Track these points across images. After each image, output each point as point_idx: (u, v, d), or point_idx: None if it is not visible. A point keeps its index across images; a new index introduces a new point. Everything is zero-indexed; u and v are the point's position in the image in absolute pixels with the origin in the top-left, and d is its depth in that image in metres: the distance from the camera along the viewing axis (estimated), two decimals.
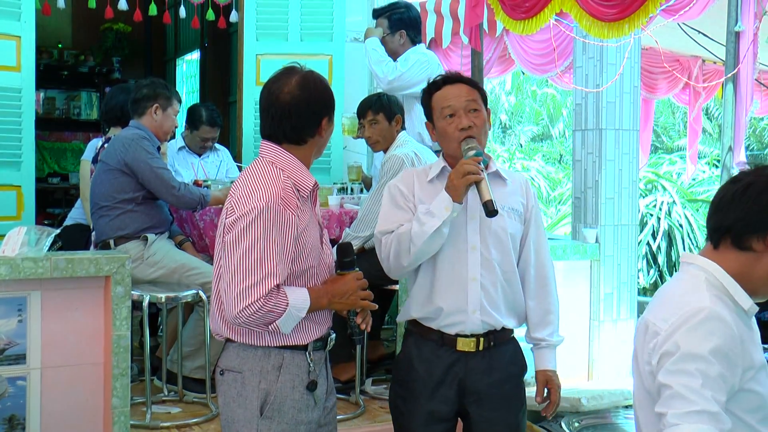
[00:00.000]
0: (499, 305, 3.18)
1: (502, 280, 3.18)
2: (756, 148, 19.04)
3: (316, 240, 2.85)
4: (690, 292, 2.33)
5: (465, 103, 3.14)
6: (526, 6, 5.57)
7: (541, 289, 3.29)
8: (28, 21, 6.52)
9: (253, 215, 2.65)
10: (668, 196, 11.56)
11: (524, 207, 3.26)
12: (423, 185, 3.21)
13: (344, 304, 2.83)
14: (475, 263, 3.14)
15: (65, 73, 11.86)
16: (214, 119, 6.60)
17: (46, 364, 4.09)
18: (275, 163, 2.80)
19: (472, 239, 3.14)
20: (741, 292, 2.33)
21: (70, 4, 8.03)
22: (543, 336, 3.28)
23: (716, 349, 2.18)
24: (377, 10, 6.38)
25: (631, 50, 6.14)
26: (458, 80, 3.22)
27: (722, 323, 2.22)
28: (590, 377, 6.14)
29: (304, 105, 2.79)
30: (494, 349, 3.19)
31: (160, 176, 5.05)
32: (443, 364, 3.17)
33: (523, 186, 3.31)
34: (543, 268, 3.30)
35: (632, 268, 6.35)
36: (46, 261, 3.99)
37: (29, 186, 6.55)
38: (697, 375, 2.14)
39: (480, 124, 3.14)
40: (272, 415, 2.75)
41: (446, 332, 3.16)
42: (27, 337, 4.04)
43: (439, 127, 3.18)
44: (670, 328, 2.26)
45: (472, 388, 3.17)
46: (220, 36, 10.10)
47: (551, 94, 21.94)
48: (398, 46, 6.13)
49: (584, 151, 6.27)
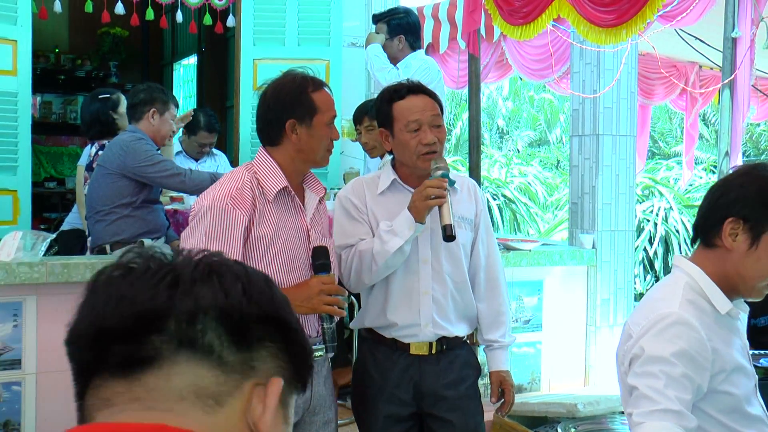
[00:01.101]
0: (450, 316, 3.20)
1: (453, 291, 3.20)
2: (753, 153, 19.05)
3: (294, 248, 2.83)
4: (663, 298, 2.37)
5: (430, 117, 3.11)
6: (524, 11, 5.57)
7: (491, 291, 3.32)
8: (25, 25, 6.51)
9: (201, 213, 2.74)
10: (665, 202, 11.55)
11: (474, 213, 3.27)
12: (374, 197, 3.18)
13: (305, 308, 2.78)
14: (427, 276, 3.15)
15: (62, 78, 11.84)
16: (212, 125, 6.60)
17: (41, 369, 4.08)
18: (251, 165, 2.86)
19: (423, 252, 3.15)
20: (719, 295, 2.35)
21: (67, 8, 8.02)
22: (495, 338, 3.32)
23: (680, 352, 2.23)
24: (377, 15, 6.36)
25: (628, 56, 6.14)
26: (422, 91, 3.19)
27: (688, 328, 2.26)
28: (587, 383, 6.14)
29: (266, 108, 2.89)
30: (447, 352, 3.22)
31: (163, 169, 5.04)
32: (398, 367, 3.19)
33: (471, 191, 3.30)
34: (493, 271, 3.33)
35: (629, 274, 6.35)
36: (41, 266, 3.98)
37: (25, 190, 6.53)
38: (661, 376, 2.21)
39: (443, 139, 3.13)
40: None
41: (400, 340, 3.19)
42: (22, 342, 4.03)
43: (401, 139, 3.13)
44: (639, 332, 2.32)
45: (428, 390, 3.19)
46: (217, 40, 10.09)
47: (548, 100, 21.94)
48: (397, 51, 6.12)
49: (581, 157, 6.27)
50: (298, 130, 2.85)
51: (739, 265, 2.32)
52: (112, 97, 5.76)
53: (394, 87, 3.22)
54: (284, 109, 2.87)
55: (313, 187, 2.98)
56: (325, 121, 2.86)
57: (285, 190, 2.84)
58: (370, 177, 3.33)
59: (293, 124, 2.85)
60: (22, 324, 4.03)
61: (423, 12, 8.51)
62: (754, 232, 2.29)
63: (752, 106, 8.01)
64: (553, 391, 5.97)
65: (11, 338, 4.01)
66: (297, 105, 2.85)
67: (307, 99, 2.85)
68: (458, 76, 8.11)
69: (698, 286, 2.36)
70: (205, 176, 5.23)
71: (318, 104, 2.86)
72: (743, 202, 2.30)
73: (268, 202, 2.79)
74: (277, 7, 7.18)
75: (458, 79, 8.14)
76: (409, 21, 6.22)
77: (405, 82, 3.26)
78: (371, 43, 6.13)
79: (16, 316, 4.02)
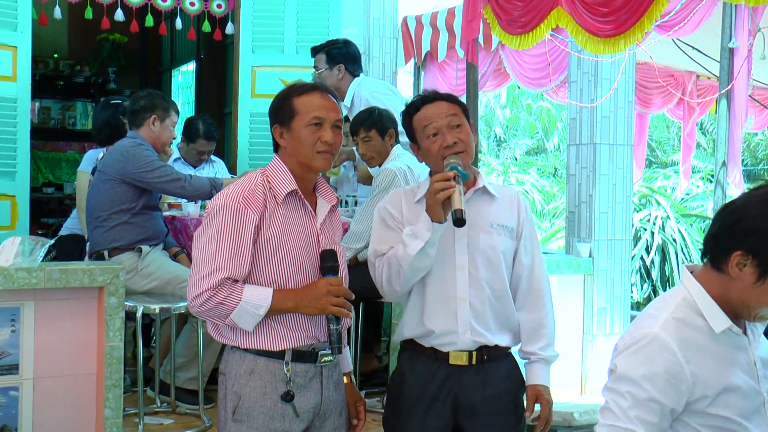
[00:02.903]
0: (489, 324, 3.14)
1: (492, 299, 3.14)
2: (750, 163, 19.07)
3: (303, 251, 2.86)
4: (652, 315, 2.35)
5: (447, 120, 3.11)
6: (523, 21, 5.58)
7: (533, 302, 3.24)
8: (25, 31, 6.53)
9: (214, 212, 2.80)
10: (662, 211, 11.57)
11: (516, 223, 3.23)
12: (411, 205, 3.18)
13: (312, 309, 2.80)
14: (464, 282, 3.11)
15: (61, 83, 11.85)
16: (211, 133, 6.61)
17: (38, 374, 4.07)
18: (265, 169, 2.93)
19: (460, 258, 3.12)
20: (716, 313, 2.31)
21: (67, 14, 8.03)
22: (534, 350, 3.22)
23: (651, 374, 2.24)
24: (315, 47, 6.25)
25: (626, 65, 6.17)
26: (436, 98, 3.19)
27: (664, 349, 2.25)
28: (583, 391, 6.15)
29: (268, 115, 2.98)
30: (488, 363, 3.16)
31: (163, 174, 5.06)
32: (437, 379, 3.14)
33: (515, 200, 3.27)
34: (537, 282, 3.26)
35: (626, 283, 6.36)
36: (40, 271, 3.97)
37: (24, 196, 6.54)
38: (627, 397, 2.24)
39: (465, 139, 3.11)
40: (242, 418, 2.81)
41: (439, 349, 3.14)
42: (20, 348, 4.02)
43: (424, 147, 3.16)
44: (620, 347, 2.34)
45: (466, 403, 3.13)
46: (215, 47, 10.11)
47: (546, 108, 21.93)
48: (337, 81, 6.02)
49: (578, 166, 6.28)
50: (284, 135, 2.91)
51: (743, 294, 2.27)
52: (123, 103, 5.78)
53: (412, 101, 3.24)
54: (272, 116, 2.97)
55: (325, 195, 3.01)
56: (304, 122, 2.86)
57: (295, 193, 2.88)
58: (409, 187, 3.34)
59: (279, 130, 2.93)
60: (20, 329, 4.02)
61: (421, 20, 8.53)
62: (762, 268, 2.22)
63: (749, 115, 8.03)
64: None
65: (9, 343, 4.00)
66: (279, 111, 2.93)
67: (288, 104, 2.90)
68: (456, 84, 8.13)
69: (695, 303, 2.32)
70: (205, 181, 5.24)
71: (297, 107, 2.88)
72: (756, 237, 2.21)
73: (278, 205, 2.84)
74: (276, 14, 7.20)
75: (456, 87, 8.16)
76: (348, 51, 6.14)
77: (420, 94, 3.27)
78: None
79: (14, 321, 4.01)
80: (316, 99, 2.90)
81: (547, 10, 5.39)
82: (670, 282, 11.10)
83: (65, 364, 4.15)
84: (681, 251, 11.16)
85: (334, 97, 2.97)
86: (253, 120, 7.10)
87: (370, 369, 5.73)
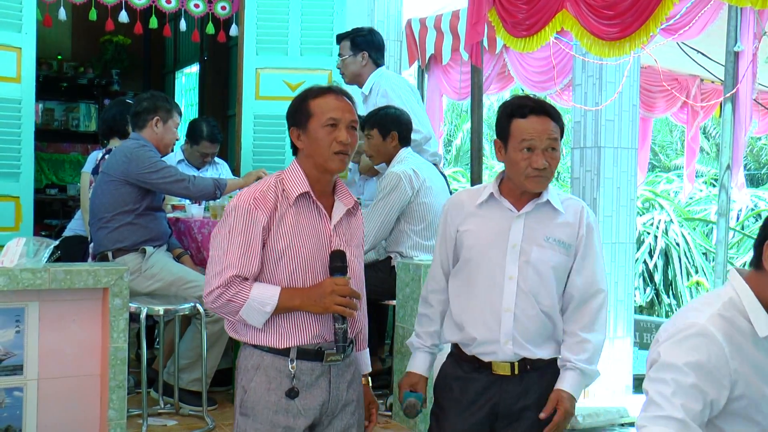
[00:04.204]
0: (535, 338, 3.08)
1: (541, 313, 3.08)
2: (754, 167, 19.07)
3: (313, 251, 2.90)
4: (697, 309, 2.34)
5: (547, 142, 3.03)
6: (527, 24, 5.57)
7: (583, 317, 3.12)
8: (29, 32, 6.53)
9: (227, 212, 2.92)
10: (665, 215, 11.55)
11: (575, 238, 3.13)
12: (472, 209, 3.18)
13: (317, 307, 2.84)
14: (511, 294, 3.06)
15: (64, 85, 11.83)
16: (214, 135, 6.62)
17: (43, 375, 4.07)
18: (281, 172, 2.99)
19: (510, 269, 3.07)
20: (763, 318, 2.29)
21: (71, 15, 8.04)
22: (571, 357, 3.11)
23: (695, 363, 2.22)
24: (340, 34, 6.31)
25: (631, 69, 6.16)
26: (545, 112, 3.08)
27: (709, 341, 2.24)
28: (586, 394, 6.13)
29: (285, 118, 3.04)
30: (532, 372, 3.10)
31: (168, 175, 5.06)
32: (478, 385, 3.11)
33: (578, 214, 3.16)
34: (589, 297, 3.13)
35: (629, 286, 6.35)
36: (44, 272, 3.97)
37: (28, 197, 6.54)
38: (671, 383, 2.22)
39: (554, 164, 3.04)
40: (247, 412, 2.89)
41: (481, 359, 3.11)
42: (24, 348, 4.02)
43: (513, 157, 3.07)
44: (662, 338, 2.32)
45: (505, 412, 3.09)
46: (219, 49, 10.10)
47: None
48: (360, 68, 6.08)
49: (582, 169, 6.28)
50: (301, 138, 2.95)
51: None
52: (131, 102, 5.79)
53: (519, 102, 3.13)
54: (289, 119, 3.01)
55: (342, 197, 3.04)
56: (321, 123, 2.90)
57: (307, 195, 2.92)
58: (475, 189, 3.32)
59: (296, 133, 2.97)
60: (25, 330, 4.02)
61: (426, 23, 8.53)
62: None
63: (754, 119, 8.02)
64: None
65: (13, 344, 4.00)
66: (296, 114, 2.98)
67: (304, 106, 2.95)
68: (460, 87, 8.13)
69: (741, 305, 2.30)
70: (209, 182, 5.24)
71: (313, 109, 2.93)
72: None
73: (290, 206, 2.90)
74: (280, 16, 7.18)
75: (460, 90, 8.16)
76: (373, 39, 6.19)
77: (531, 98, 3.19)
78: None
79: (19, 321, 4.01)
80: (331, 101, 2.95)
81: (552, 13, 5.39)
82: (673, 286, 11.08)
83: (69, 365, 4.15)
84: (684, 255, 11.15)
85: (349, 99, 3.00)
86: (257, 122, 7.09)
87: (373, 371, 5.69)
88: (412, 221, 5.22)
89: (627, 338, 6.28)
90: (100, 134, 6.22)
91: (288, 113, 3.02)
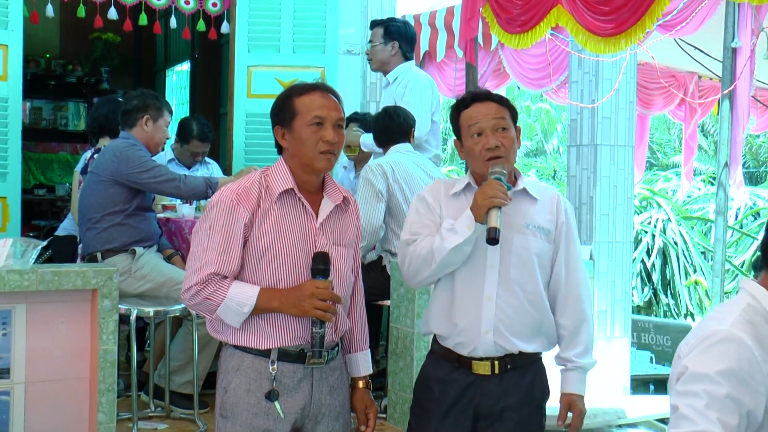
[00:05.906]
0: (519, 328, 3.08)
1: (525, 302, 3.08)
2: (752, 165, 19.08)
3: (297, 250, 2.85)
4: (717, 317, 2.23)
5: (493, 122, 3.06)
6: (522, 20, 5.52)
7: (572, 308, 3.17)
8: (16, 29, 6.45)
9: (209, 208, 2.87)
10: (663, 213, 11.51)
11: (554, 224, 3.16)
12: (448, 197, 3.16)
13: (296, 310, 2.79)
14: (492, 282, 3.06)
15: (52, 83, 11.72)
16: (205, 134, 6.56)
17: (30, 378, 4.01)
18: (267, 168, 2.96)
19: (491, 258, 3.06)
20: None
21: (59, 12, 7.94)
22: (570, 356, 3.17)
23: (727, 370, 2.08)
24: (375, 21, 6.34)
25: (627, 65, 6.11)
26: (487, 98, 3.14)
27: (739, 345, 2.11)
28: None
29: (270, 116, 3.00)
30: (512, 372, 3.10)
31: (158, 174, 5.00)
32: (458, 386, 3.09)
33: (554, 202, 3.20)
34: (574, 287, 3.18)
35: (626, 286, 6.31)
36: (31, 273, 3.91)
37: (15, 197, 6.47)
38: (703, 395, 2.06)
39: (508, 144, 3.06)
40: (226, 414, 2.85)
41: (461, 353, 3.09)
42: (11, 351, 3.96)
43: (467, 146, 3.12)
44: (685, 350, 2.19)
45: (486, 412, 3.08)
46: (210, 47, 10.03)
47: (545, 110, 21.98)
48: (389, 56, 6.08)
49: (579, 167, 6.23)
50: (286, 137, 2.90)
51: None
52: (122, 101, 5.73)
53: (462, 96, 3.21)
54: (273, 118, 2.96)
55: (330, 194, 2.98)
56: (306, 122, 2.85)
57: (291, 192, 2.86)
58: (451, 179, 3.32)
59: (281, 132, 2.92)
60: (12, 332, 3.95)
61: (420, 20, 8.46)
62: None
63: (752, 117, 7.98)
64: (549, 403, 5.90)
65: (0, 347, 3.94)
66: (280, 112, 2.92)
67: (289, 104, 2.89)
68: (455, 85, 8.07)
69: (762, 308, 2.20)
70: (200, 181, 5.18)
71: (298, 107, 2.87)
72: None
73: (273, 203, 2.84)
74: (272, 13, 7.12)
75: (455, 87, 8.10)
76: (407, 31, 6.20)
77: (471, 91, 3.27)
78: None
79: (5, 324, 3.95)
80: (316, 98, 2.89)
81: (547, 9, 5.35)
82: (671, 285, 11.05)
83: (57, 368, 4.09)
84: (682, 254, 11.12)
85: (335, 97, 2.94)
86: (249, 121, 7.02)
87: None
88: (399, 219, 5.16)
89: (624, 338, 6.23)
90: (90, 133, 6.13)
91: (272, 111, 2.97)
